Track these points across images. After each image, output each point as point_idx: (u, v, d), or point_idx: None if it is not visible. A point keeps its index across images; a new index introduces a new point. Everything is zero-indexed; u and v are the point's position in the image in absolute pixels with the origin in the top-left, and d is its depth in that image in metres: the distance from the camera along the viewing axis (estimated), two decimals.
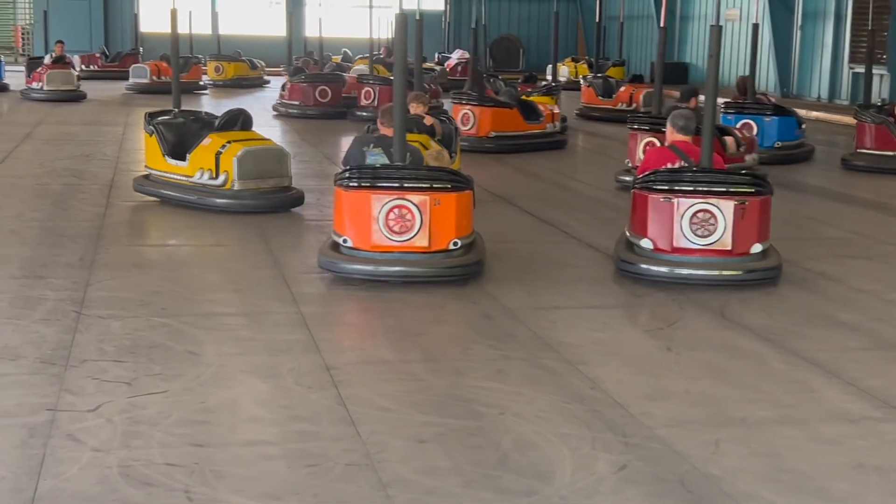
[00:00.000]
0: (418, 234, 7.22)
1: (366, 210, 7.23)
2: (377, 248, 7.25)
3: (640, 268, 7.50)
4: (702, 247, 7.41)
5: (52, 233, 8.76)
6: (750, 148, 12.37)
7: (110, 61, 28.50)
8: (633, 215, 7.74)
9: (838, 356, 5.92)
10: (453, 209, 7.31)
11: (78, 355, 5.57)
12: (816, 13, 24.64)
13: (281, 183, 9.94)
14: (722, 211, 7.39)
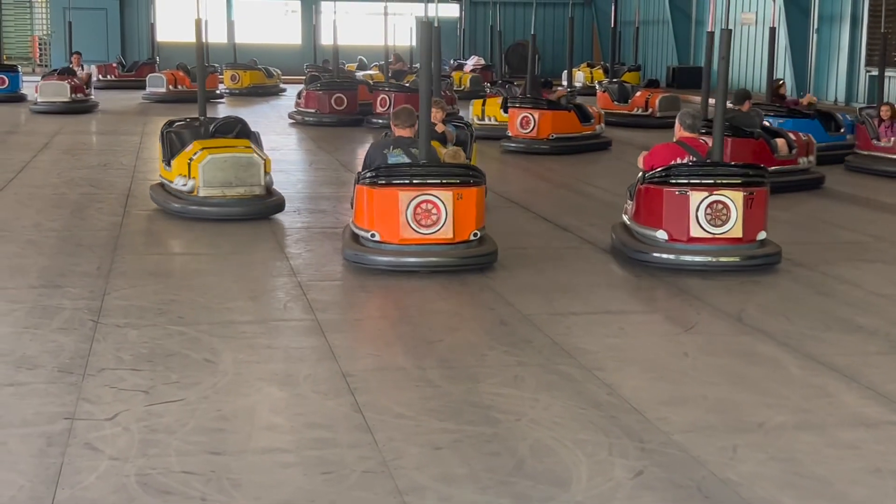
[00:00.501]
0: (444, 227, 7.73)
1: (393, 206, 7.72)
2: (406, 241, 7.74)
3: (654, 257, 8.00)
4: (716, 235, 7.88)
5: (70, 242, 8.80)
6: (803, 151, 12.38)
7: (127, 71, 28.63)
8: (645, 208, 8.14)
9: (856, 360, 5.90)
10: (474, 203, 7.86)
11: (95, 364, 5.59)
12: (832, 16, 24.57)
13: (252, 191, 9.83)
14: (734, 202, 7.86)
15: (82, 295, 7.03)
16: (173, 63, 27.38)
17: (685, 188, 7.96)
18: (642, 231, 8.23)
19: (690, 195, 7.92)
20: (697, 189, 7.94)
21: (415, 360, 5.77)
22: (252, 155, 9.86)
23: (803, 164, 12.38)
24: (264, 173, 9.87)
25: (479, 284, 7.55)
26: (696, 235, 7.93)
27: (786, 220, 10.54)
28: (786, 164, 12.16)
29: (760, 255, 8.03)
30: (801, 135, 12.72)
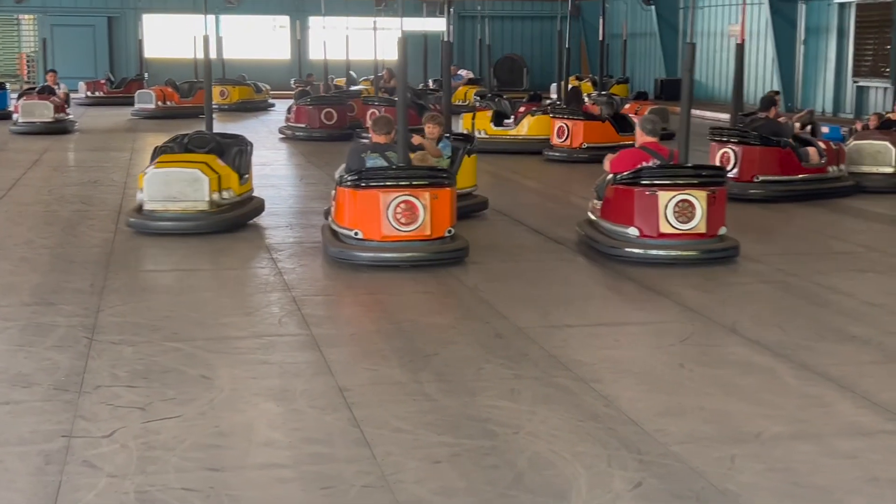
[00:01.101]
0: (422, 225, 8.39)
1: (375, 206, 8.37)
2: (387, 238, 8.41)
3: (626, 252, 8.62)
4: (683, 231, 8.55)
5: (62, 259, 8.79)
6: (833, 159, 12.44)
7: (115, 87, 28.59)
8: (616, 207, 8.80)
9: (850, 370, 5.91)
10: (448, 202, 8.58)
11: (91, 381, 5.58)
12: (819, 28, 24.69)
13: (195, 207, 9.82)
14: (698, 200, 8.53)
15: (76, 312, 7.01)
16: (161, 79, 27.40)
17: (654, 188, 8.55)
18: (613, 228, 8.81)
19: (659, 194, 8.52)
20: (666, 189, 8.55)
21: (411, 374, 5.77)
22: (195, 171, 9.79)
23: (833, 172, 12.42)
24: (212, 189, 9.81)
25: (473, 298, 7.56)
26: (665, 231, 8.55)
27: (780, 230, 10.59)
28: (815, 172, 12.26)
29: (721, 249, 8.71)
30: (831, 143, 12.77)
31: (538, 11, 36.41)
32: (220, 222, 9.90)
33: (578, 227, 9.49)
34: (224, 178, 10.02)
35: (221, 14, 33.38)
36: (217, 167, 10.06)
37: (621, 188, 8.82)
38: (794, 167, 12.14)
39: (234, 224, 10.01)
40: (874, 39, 22.97)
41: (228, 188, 10.06)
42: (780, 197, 12.01)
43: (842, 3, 23.77)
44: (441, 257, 8.50)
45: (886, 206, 12.01)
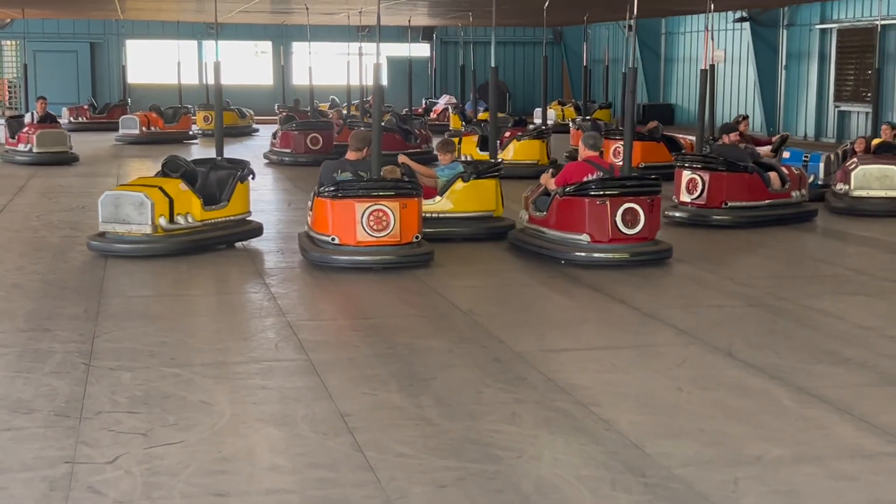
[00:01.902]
0: (392, 231, 9.33)
1: (350, 214, 9.29)
2: (361, 243, 9.33)
3: (579, 257, 9.51)
4: (630, 235, 9.49)
5: (55, 285, 8.77)
6: (795, 184, 12.49)
7: (98, 113, 28.57)
8: (565, 216, 9.61)
9: (848, 392, 5.96)
10: (416, 211, 9.53)
11: (91, 407, 5.57)
12: (800, 53, 24.92)
13: (140, 230, 9.91)
14: (641, 207, 9.46)
15: (72, 338, 7.00)
16: (144, 105, 27.40)
17: (605, 198, 9.42)
18: (563, 235, 9.67)
19: (608, 203, 9.39)
20: (614, 198, 9.43)
21: (411, 399, 5.78)
22: (140, 194, 9.90)
23: (796, 197, 12.50)
24: (159, 214, 9.88)
25: (468, 321, 7.59)
26: (614, 236, 9.44)
27: (767, 254, 10.66)
28: (779, 198, 12.33)
29: (661, 251, 9.72)
30: (793, 168, 12.85)
31: (521, 37, 36.63)
32: (168, 247, 9.96)
33: (514, 236, 10.34)
34: (180, 203, 10.06)
35: (204, 40, 33.53)
36: (173, 192, 10.10)
37: (573, 199, 9.57)
38: (761, 192, 12.17)
39: (189, 250, 10.05)
40: (855, 64, 23.20)
41: (187, 213, 10.10)
42: (748, 223, 12.02)
43: (823, 29, 24.01)
44: (410, 261, 9.42)
45: (877, 229, 12.10)
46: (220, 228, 10.45)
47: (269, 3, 22.20)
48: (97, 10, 25.73)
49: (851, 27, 23.09)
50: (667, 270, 9.62)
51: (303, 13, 21.80)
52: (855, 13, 23.08)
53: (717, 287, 8.94)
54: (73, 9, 25.65)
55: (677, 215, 12.14)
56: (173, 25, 29.95)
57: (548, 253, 9.75)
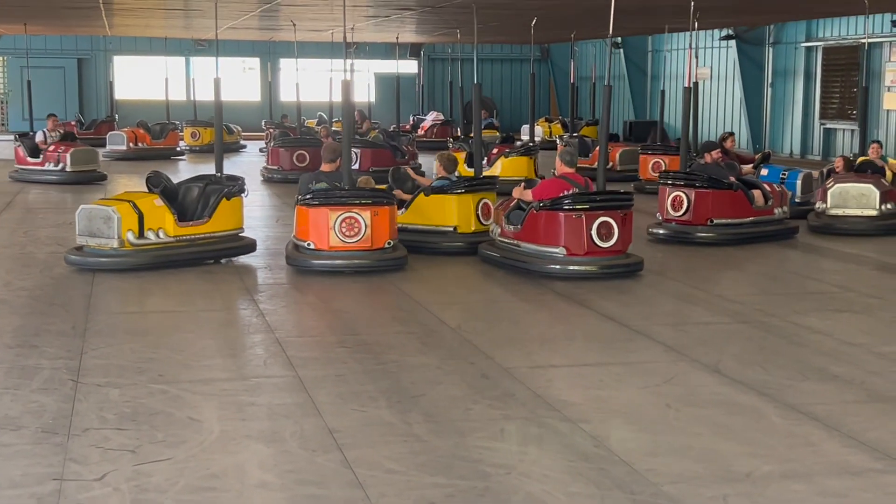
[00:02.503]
0: (364, 237, 9.91)
1: (324, 221, 9.91)
2: (334, 248, 9.94)
3: (558, 269, 9.72)
4: (605, 248, 9.74)
5: (42, 301, 8.74)
6: (778, 201, 12.54)
7: (86, 129, 28.52)
8: (541, 230, 9.83)
9: (835, 409, 5.98)
10: (387, 218, 10.09)
11: (79, 424, 5.55)
12: (786, 71, 25.05)
13: (108, 244, 10.01)
14: (615, 221, 9.73)
15: (59, 354, 6.98)
16: (132, 121, 27.38)
17: (580, 212, 9.66)
18: (538, 248, 9.86)
19: (584, 217, 9.65)
20: (590, 212, 9.67)
21: (400, 415, 5.78)
22: (109, 209, 10.00)
23: (778, 214, 12.54)
24: (126, 228, 9.95)
25: (456, 338, 7.59)
26: (590, 250, 9.69)
27: (754, 271, 10.70)
28: (762, 215, 12.37)
29: (632, 264, 9.96)
30: (775, 186, 12.90)
31: (507, 54, 36.75)
32: (137, 262, 10.04)
33: (486, 250, 10.47)
34: (152, 218, 10.10)
35: (192, 56, 33.56)
36: (145, 207, 10.15)
37: (549, 213, 9.79)
38: (745, 210, 12.20)
39: (159, 265, 10.09)
40: (840, 82, 23.33)
41: (159, 228, 10.13)
42: (732, 240, 12.05)
43: (808, 47, 24.14)
44: (381, 265, 10.02)
45: (859, 246, 12.15)
46: (199, 244, 10.45)
47: (256, 20, 22.20)
48: (85, 26, 25.71)
49: (837, 45, 23.23)
50: (654, 287, 9.65)
51: (290, 30, 21.82)
52: (840, 31, 23.22)
53: (704, 304, 8.97)
54: (61, 25, 25.63)
55: (661, 232, 12.19)
56: (161, 42, 29.94)
57: (523, 266, 9.92)
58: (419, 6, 18.44)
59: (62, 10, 20.42)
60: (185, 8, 19.85)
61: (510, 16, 20.01)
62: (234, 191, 10.75)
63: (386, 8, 18.69)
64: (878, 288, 9.79)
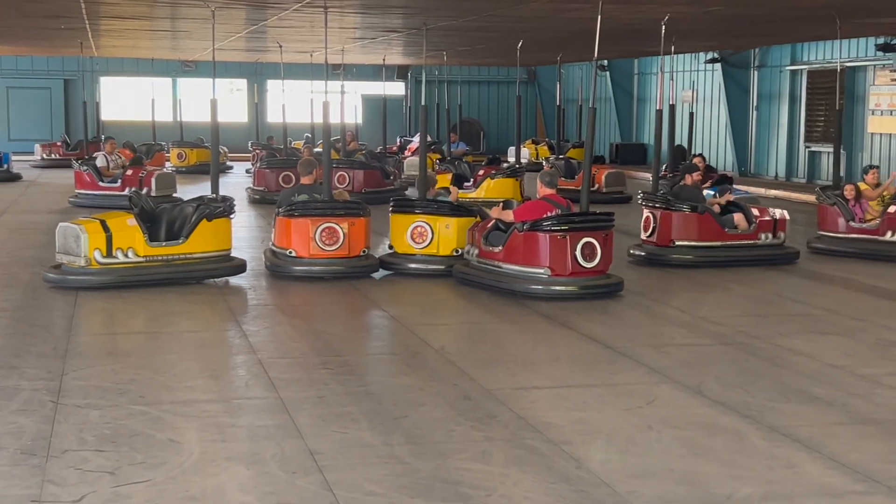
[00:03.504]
0: (342, 246, 10.73)
1: (306, 231, 10.73)
2: (314, 255, 10.76)
3: (541, 290, 9.76)
4: (588, 269, 9.86)
5: (24, 322, 8.71)
6: (767, 227, 12.39)
7: (71, 149, 28.48)
8: (524, 251, 9.88)
9: (817, 431, 5.98)
10: (363, 228, 10.93)
11: (58, 445, 5.52)
12: (771, 94, 25.15)
13: (76, 262, 10.09)
14: (598, 242, 9.84)
15: (40, 375, 6.94)
16: (118, 142, 27.30)
17: (565, 233, 9.74)
18: (521, 269, 9.90)
19: (568, 238, 9.76)
20: (574, 233, 9.78)
21: (382, 437, 5.76)
22: (78, 227, 10.09)
23: (765, 240, 12.41)
24: (94, 247, 10.03)
25: (439, 359, 7.57)
26: (574, 270, 9.79)
27: (738, 293, 10.71)
28: (741, 239, 12.32)
29: (613, 284, 10.08)
30: (769, 211, 12.75)
31: (495, 76, 36.84)
32: (103, 281, 10.09)
33: (462, 271, 10.50)
34: (121, 238, 10.15)
35: (179, 77, 33.56)
36: (115, 226, 10.21)
37: (532, 234, 9.82)
38: (715, 233, 12.17)
39: (126, 284, 10.12)
40: (825, 105, 23.42)
41: (129, 248, 10.16)
42: (707, 263, 12.06)
43: (793, 70, 24.25)
44: (357, 271, 10.84)
45: (845, 269, 12.18)
46: (175, 265, 10.45)
47: (244, 42, 22.23)
48: (71, 47, 25.66)
49: (821, 69, 23.34)
50: (637, 308, 9.66)
51: (277, 52, 21.85)
52: (824, 55, 23.34)
53: (688, 325, 8.97)
54: (47, 45, 25.63)
55: (639, 254, 12.25)
56: (148, 63, 29.95)
57: (505, 287, 9.95)
58: (405, 28, 18.48)
59: (48, 31, 20.40)
60: (171, 29, 19.85)
61: (496, 38, 20.08)
62: (215, 212, 10.71)
63: (372, 30, 18.72)
64: (863, 311, 9.80)
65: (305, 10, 14.93)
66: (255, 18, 16.79)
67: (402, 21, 17.14)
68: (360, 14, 16.19)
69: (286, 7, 14.70)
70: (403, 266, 11.11)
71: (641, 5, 13.62)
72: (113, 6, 15.44)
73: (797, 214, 18.42)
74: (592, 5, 13.09)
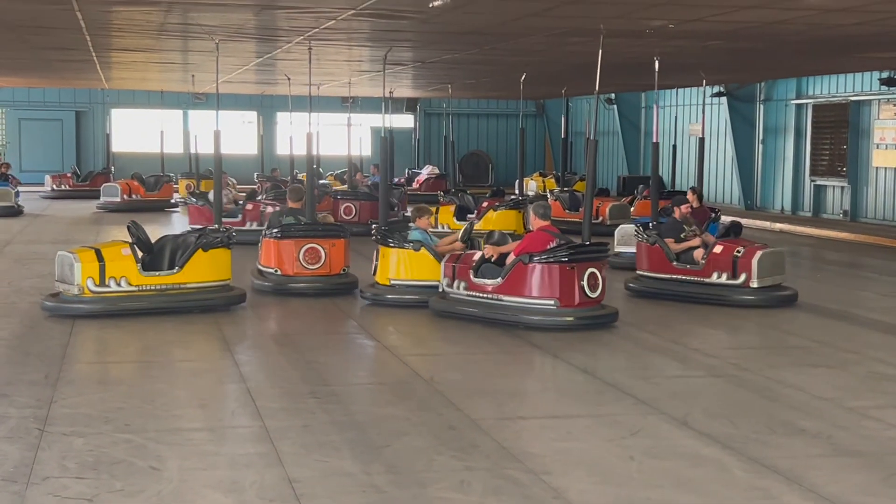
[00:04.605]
0: (323, 265, 11.83)
1: (291, 251, 11.83)
2: (298, 273, 11.84)
3: (549, 321, 9.78)
4: (592, 298, 9.95)
5: (19, 351, 8.76)
6: (724, 266, 11.54)
7: (81, 181, 28.69)
8: (533, 282, 9.86)
9: (799, 463, 5.97)
10: (342, 249, 12.00)
11: (40, 472, 5.55)
12: (777, 128, 25.18)
13: (70, 290, 10.21)
14: (599, 272, 10.01)
15: (29, 403, 6.99)
16: (128, 173, 27.52)
17: (573, 264, 9.81)
18: (525, 301, 9.89)
19: (576, 269, 9.82)
20: (580, 264, 9.87)
21: (362, 466, 5.78)
22: (73, 255, 10.22)
23: (717, 278, 11.59)
24: (87, 275, 10.13)
25: (428, 389, 7.59)
26: (581, 300, 9.88)
27: (732, 325, 10.70)
28: (689, 275, 11.80)
29: (609, 315, 10.16)
30: (737, 249, 11.62)
31: (503, 109, 36.99)
32: (95, 309, 10.18)
33: (441, 306, 10.45)
34: (115, 267, 10.24)
35: (190, 109, 33.78)
36: (110, 255, 10.31)
37: (541, 266, 9.83)
38: (664, 266, 11.97)
39: (118, 313, 10.20)
40: (830, 139, 23.46)
41: (122, 277, 10.24)
42: (650, 293, 11.99)
43: (799, 104, 24.29)
44: (337, 289, 11.89)
45: (841, 302, 12.17)
46: (170, 294, 10.51)
47: (253, 74, 22.41)
48: (82, 79, 25.93)
49: (826, 103, 23.38)
50: (629, 339, 9.66)
51: (285, 84, 22.01)
52: (829, 89, 23.38)
53: (679, 357, 8.98)
54: (57, 78, 25.87)
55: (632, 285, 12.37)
56: (158, 95, 30.19)
57: (504, 319, 9.97)
58: (411, 61, 18.61)
59: (57, 64, 20.61)
60: (180, 62, 20.02)
61: (499, 71, 20.19)
62: (213, 242, 10.76)
63: (379, 63, 18.86)
64: (856, 343, 9.79)
65: (309, 43, 15.06)
66: (261, 51, 16.93)
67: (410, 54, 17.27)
68: (367, 47, 16.30)
69: (289, 40, 14.85)
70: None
71: (640, 38, 13.71)
72: (118, 38, 15.59)
73: (803, 248, 18.44)
74: (591, 39, 13.21)
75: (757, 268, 11.51)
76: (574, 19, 12.07)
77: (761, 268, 11.55)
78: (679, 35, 13.30)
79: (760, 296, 11.56)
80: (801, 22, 12.02)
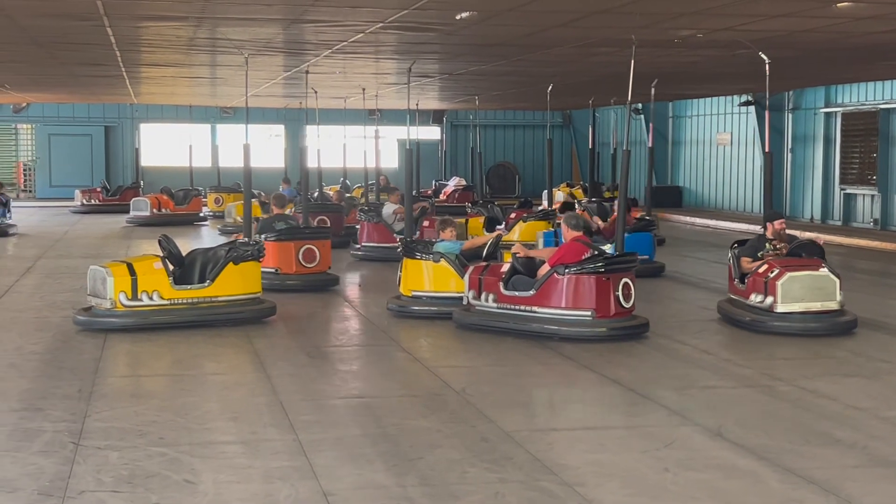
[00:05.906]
0: (319, 263, 13.41)
1: (289, 251, 13.25)
2: (297, 272, 13.26)
3: (585, 332, 9.79)
4: (626, 309, 9.98)
5: (52, 365, 8.82)
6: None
7: (111, 195, 28.88)
8: (569, 293, 9.85)
9: (835, 474, 5.93)
10: (328, 249, 13.59)
11: (75, 486, 5.58)
12: (806, 136, 25.07)
13: (102, 304, 10.26)
14: (632, 282, 10.02)
15: (63, 417, 7.03)
16: (157, 187, 27.70)
17: (608, 274, 9.83)
18: (561, 312, 9.85)
19: (612, 279, 9.85)
20: (615, 274, 9.88)
21: (396, 478, 5.78)
22: (105, 269, 10.29)
23: (755, 299, 10.63)
24: (119, 289, 10.19)
25: (460, 401, 7.59)
26: (617, 311, 9.90)
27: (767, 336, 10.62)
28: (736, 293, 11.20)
29: (641, 325, 10.13)
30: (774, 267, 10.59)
31: (530, 120, 36.97)
32: (130, 323, 10.23)
33: (466, 319, 10.41)
34: (146, 281, 10.29)
35: (218, 123, 34.00)
36: (142, 269, 10.37)
37: (578, 277, 9.82)
38: (730, 286, 11.60)
39: (151, 327, 10.27)
40: (860, 147, 23.33)
41: (154, 291, 10.28)
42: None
43: (828, 113, 24.18)
44: (327, 284, 13.44)
45: (873, 311, 12.08)
46: (201, 308, 10.56)
47: (280, 88, 22.52)
48: (111, 94, 26.16)
49: (856, 111, 23.26)
50: (661, 350, 9.62)
51: (312, 97, 22.12)
52: (859, 97, 23.26)
53: (712, 367, 8.93)
54: (88, 93, 26.10)
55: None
56: (186, 109, 30.39)
57: (539, 331, 9.93)
58: (438, 73, 18.65)
59: (86, 79, 20.77)
60: (208, 76, 20.15)
61: (526, 83, 20.20)
62: (243, 255, 10.81)
63: (405, 75, 18.91)
64: (890, 352, 9.71)
65: (336, 56, 15.12)
66: (289, 65, 17.01)
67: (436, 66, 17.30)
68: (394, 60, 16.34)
69: (317, 54, 14.91)
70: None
71: (669, 48, 13.68)
72: (148, 54, 15.71)
73: (833, 257, 18.27)
74: (619, 49, 13.20)
75: (781, 291, 10.33)
76: (601, 30, 12.07)
77: (786, 291, 10.33)
78: (707, 45, 13.27)
79: (782, 322, 10.39)
80: (831, 31, 11.97)
